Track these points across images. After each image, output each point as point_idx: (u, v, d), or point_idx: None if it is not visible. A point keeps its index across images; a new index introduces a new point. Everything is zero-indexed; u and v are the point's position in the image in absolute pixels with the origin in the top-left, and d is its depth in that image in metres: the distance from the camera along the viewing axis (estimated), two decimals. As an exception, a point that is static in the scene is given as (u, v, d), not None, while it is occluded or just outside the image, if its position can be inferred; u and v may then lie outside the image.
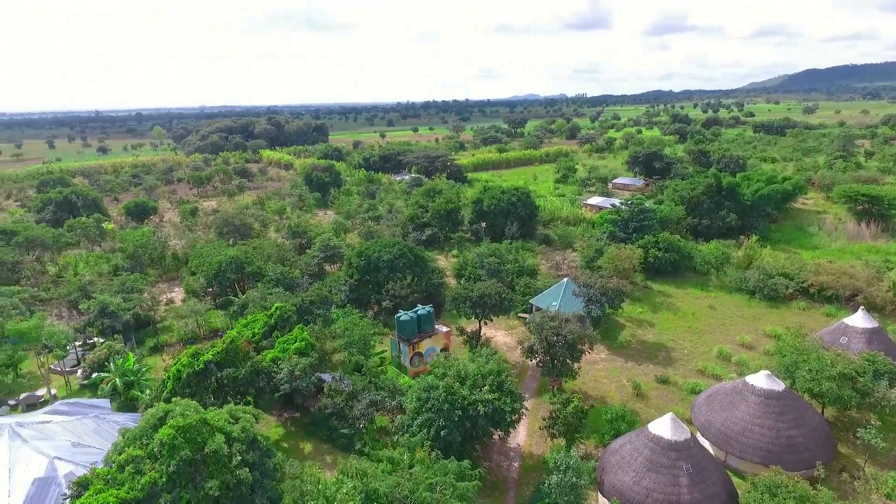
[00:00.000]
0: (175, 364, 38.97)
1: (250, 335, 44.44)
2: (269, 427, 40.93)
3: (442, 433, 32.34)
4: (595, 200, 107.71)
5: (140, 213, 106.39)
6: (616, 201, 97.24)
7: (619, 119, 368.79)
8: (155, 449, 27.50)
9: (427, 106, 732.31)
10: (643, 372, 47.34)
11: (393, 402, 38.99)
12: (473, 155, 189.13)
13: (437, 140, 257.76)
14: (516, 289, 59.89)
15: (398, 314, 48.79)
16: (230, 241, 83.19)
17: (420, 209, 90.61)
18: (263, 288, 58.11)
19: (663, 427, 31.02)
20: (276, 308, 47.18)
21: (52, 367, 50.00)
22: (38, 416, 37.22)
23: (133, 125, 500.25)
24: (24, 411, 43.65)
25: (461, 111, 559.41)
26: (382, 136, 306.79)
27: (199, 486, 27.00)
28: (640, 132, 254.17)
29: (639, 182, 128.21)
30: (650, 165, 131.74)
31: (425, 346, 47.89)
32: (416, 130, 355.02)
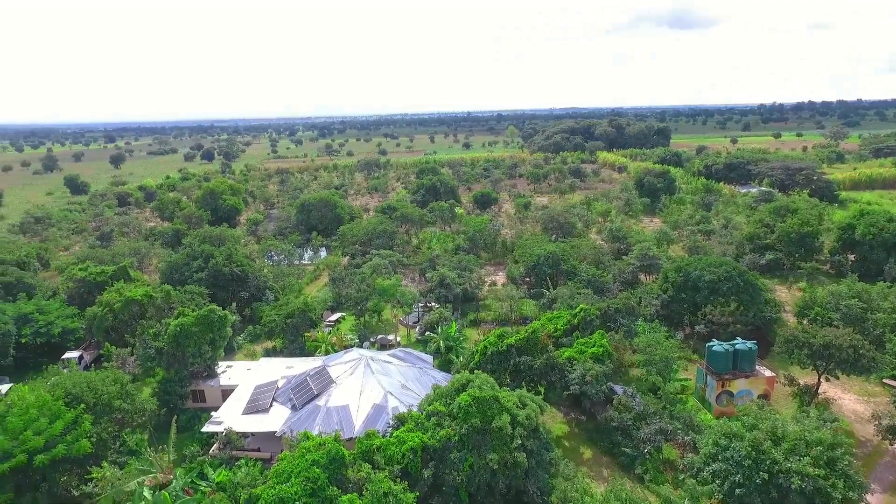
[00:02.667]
0: (484, 340, 43.85)
1: (552, 329, 46.32)
2: (555, 422, 42.17)
3: (737, 492, 27.80)
4: None
5: (484, 202, 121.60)
6: None
7: None
8: (454, 410, 31.66)
9: (798, 107, 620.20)
10: None
11: (686, 437, 35.53)
12: (855, 169, 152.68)
13: (804, 148, 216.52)
14: (887, 347, 46.31)
15: (711, 343, 43.72)
16: (552, 237, 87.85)
17: (764, 228, 78.48)
18: (573, 287, 59.65)
19: None
20: (581, 309, 47.89)
21: (400, 319, 62.35)
22: (384, 355, 47.08)
23: (493, 125, 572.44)
24: (378, 349, 55.71)
25: (846, 113, 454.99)
26: (733, 141, 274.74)
27: (482, 455, 29.96)
28: None
29: None
30: None
31: (738, 386, 41.66)
32: (777, 136, 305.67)
